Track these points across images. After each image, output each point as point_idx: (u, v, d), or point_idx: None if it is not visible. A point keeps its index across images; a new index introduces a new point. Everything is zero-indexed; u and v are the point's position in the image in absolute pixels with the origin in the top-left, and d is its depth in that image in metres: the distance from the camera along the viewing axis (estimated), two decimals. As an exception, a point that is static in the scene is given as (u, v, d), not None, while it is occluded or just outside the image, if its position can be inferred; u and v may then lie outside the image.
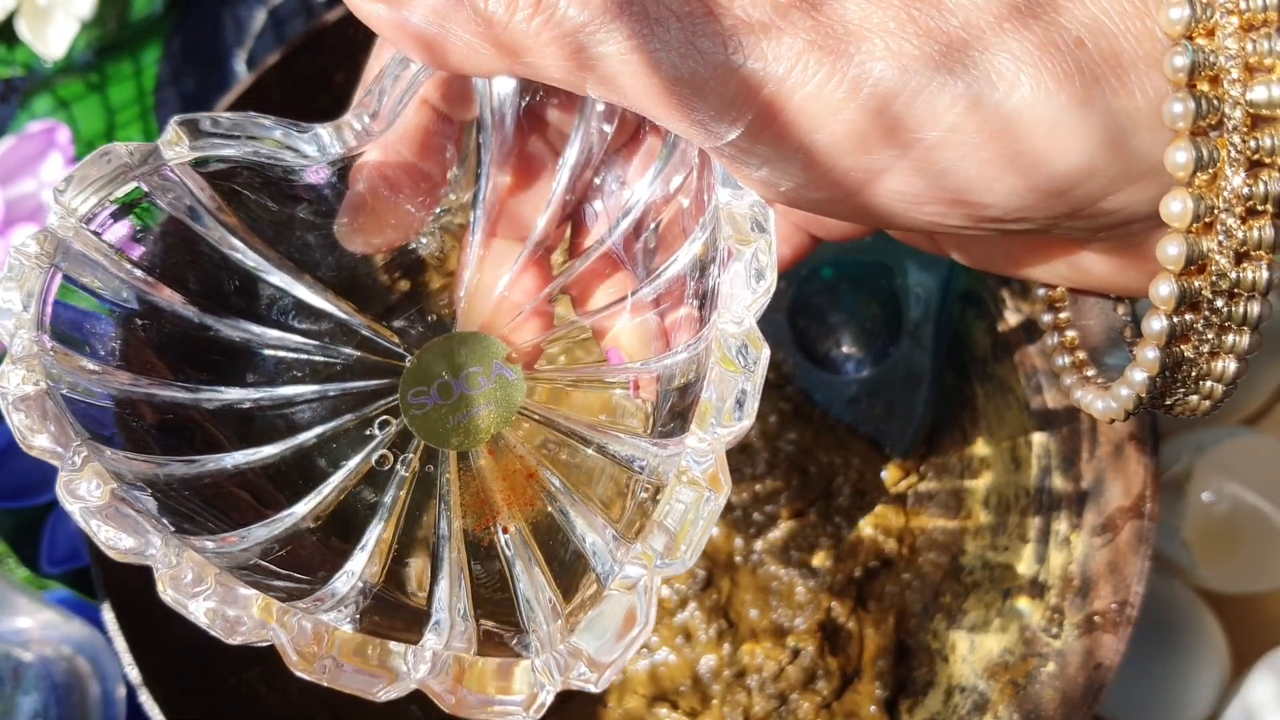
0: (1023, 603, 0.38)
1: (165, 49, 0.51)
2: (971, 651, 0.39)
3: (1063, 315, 0.25)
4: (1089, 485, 0.38)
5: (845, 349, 0.44)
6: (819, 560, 0.42)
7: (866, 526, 0.43)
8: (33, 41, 0.49)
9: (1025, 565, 0.39)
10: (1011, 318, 0.41)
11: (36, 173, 0.46)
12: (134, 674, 0.35)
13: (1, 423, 0.44)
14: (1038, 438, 0.40)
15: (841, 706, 0.40)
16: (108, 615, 0.35)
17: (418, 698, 0.43)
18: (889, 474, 0.43)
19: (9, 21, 0.49)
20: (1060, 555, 0.38)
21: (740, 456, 0.43)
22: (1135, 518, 0.35)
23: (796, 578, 0.42)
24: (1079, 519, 0.38)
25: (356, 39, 0.40)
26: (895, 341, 0.43)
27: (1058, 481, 0.39)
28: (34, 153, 0.46)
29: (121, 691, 0.39)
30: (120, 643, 0.35)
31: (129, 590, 0.36)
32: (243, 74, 0.50)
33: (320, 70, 0.40)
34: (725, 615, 0.42)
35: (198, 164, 0.24)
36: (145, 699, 0.35)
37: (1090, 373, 0.25)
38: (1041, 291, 0.26)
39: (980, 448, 0.43)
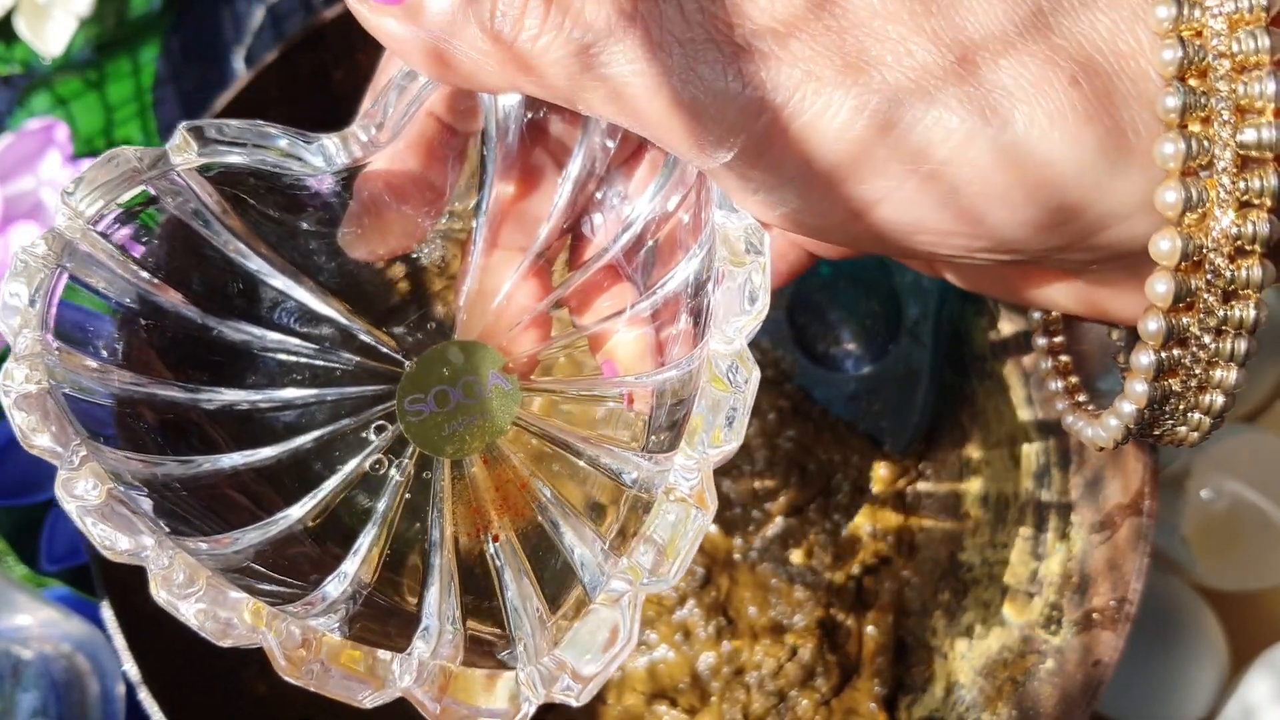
0: (1021, 600, 0.38)
1: (164, 46, 0.51)
2: (970, 649, 0.39)
3: (1057, 339, 0.26)
4: (1087, 482, 0.38)
5: (844, 346, 0.44)
6: (818, 557, 0.42)
7: (866, 524, 0.43)
8: (31, 39, 0.49)
9: (1024, 562, 0.39)
10: (1011, 316, 0.41)
11: (35, 170, 0.46)
12: (133, 671, 0.35)
13: (1, 421, 0.44)
14: (1036, 435, 0.40)
15: (840, 704, 0.40)
16: (107, 613, 0.35)
17: (417, 695, 0.43)
18: (887, 471, 0.43)
19: (7, 19, 0.49)
20: (1059, 552, 0.38)
21: (739, 454, 0.43)
22: (1134, 515, 0.35)
23: (795, 575, 0.42)
24: (1077, 516, 0.38)
25: (355, 37, 0.40)
26: (894, 339, 0.43)
27: (1056, 479, 0.39)
28: (32, 150, 0.46)
29: (121, 689, 0.39)
30: (119, 640, 0.35)
31: (128, 588, 0.36)
32: (241, 71, 0.50)
33: (319, 67, 0.40)
34: (724, 613, 0.42)
35: (204, 170, 0.24)
36: (144, 697, 0.35)
37: (1082, 398, 0.25)
38: (1037, 315, 0.26)
39: (979, 445, 0.43)
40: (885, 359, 0.43)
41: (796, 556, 0.42)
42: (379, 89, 0.24)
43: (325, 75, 0.41)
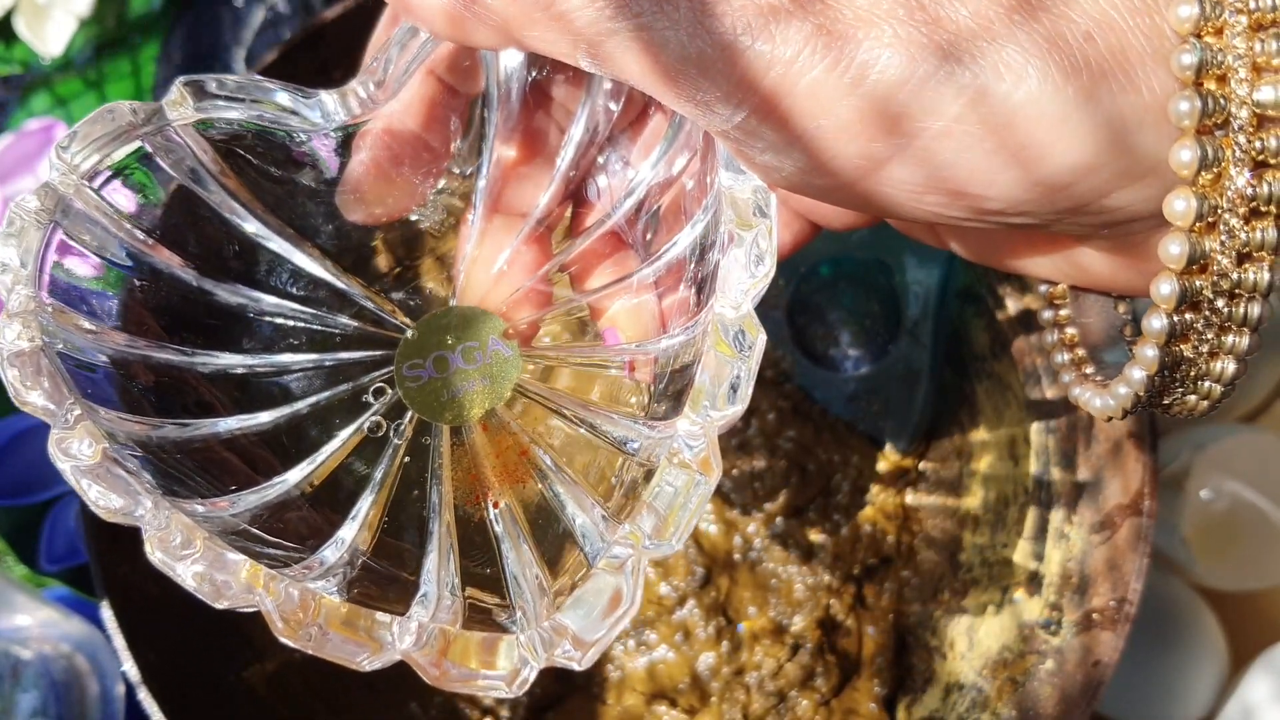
0: (1021, 600, 0.38)
1: (163, 47, 0.51)
2: (970, 648, 0.39)
3: (1063, 312, 0.25)
4: (1087, 482, 0.38)
5: (844, 346, 0.44)
6: (817, 557, 0.42)
7: (865, 524, 0.43)
8: (31, 39, 0.49)
9: (1023, 562, 0.39)
10: (1010, 315, 0.41)
11: (34, 170, 0.46)
12: (133, 671, 0.35)
13: (1, 420, 0.44)
14: (1036, 435, 0.40)
15: (840, 704, 0.40)
16: (106, 613, 0.35)
17: (415, 693, 0.43)
18: (887, 472, 0.43)
19: (7, 19, 0.49)
20: (1059, 552, 0.38)
21: (739, 453, 0.43)
22: (1134, 515, 0.35)
23: (795, 575, 0.42)
24: (1077, 516, 0.38)
25: (355, 36, 0.40)
26: (894, 339, 0.43)
27: (1056, 478, 0.39)
28: (32, 150, 0.46)
29: (120, 689, 0.39)
30: (119, 640, 0.35)
31: (128, 588, 0.36)
32: (241, 72, 0.50)
33: (319, 67, 0.40)
34: (724, 613, 0.42)
35: (202, 126, 0.24)
36: (144, 696, 0.35)
37: (1089, 370, 0.25)
38: (1043, 288, 0.26)
39: (979, 445, 0.43)
40: (885, 359, 0.43)
41: (796, 557, 0.42)
42: (379, 46, 0.24)
43: (325, 75, 0.41)
